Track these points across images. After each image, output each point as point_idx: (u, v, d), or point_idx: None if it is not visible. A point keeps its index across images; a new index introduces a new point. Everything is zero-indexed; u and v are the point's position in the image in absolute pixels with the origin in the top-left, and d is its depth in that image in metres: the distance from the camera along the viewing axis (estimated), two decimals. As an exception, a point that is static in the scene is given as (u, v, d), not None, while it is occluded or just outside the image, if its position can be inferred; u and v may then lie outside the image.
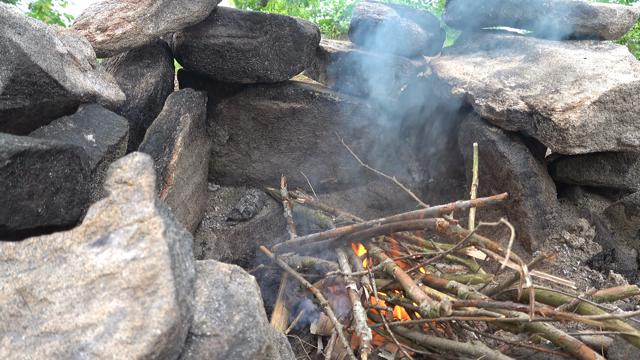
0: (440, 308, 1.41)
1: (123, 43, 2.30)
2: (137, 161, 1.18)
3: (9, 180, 1.19)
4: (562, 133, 2.32)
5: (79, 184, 1.44)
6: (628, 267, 2.42)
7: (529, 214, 2.58)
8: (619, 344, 1.54)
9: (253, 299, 1.11)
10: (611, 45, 2.86)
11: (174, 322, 0.89)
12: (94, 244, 1.02)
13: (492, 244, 1.64)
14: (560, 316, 1.29)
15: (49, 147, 1.30)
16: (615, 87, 2.31)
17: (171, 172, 2.41)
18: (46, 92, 1.68)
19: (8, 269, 0.99)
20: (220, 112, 3.27)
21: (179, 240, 1.10)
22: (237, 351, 0.99)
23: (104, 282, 0.94)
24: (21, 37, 1.58)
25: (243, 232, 3.19)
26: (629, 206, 2.60)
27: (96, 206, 1.10)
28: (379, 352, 2.05)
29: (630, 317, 1.22)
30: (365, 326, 1.66)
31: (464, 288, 1.73)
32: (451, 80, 2.94)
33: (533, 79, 2.65)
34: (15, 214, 1.22)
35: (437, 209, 1.83)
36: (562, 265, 2.47)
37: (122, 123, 1.96)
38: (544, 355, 1.61)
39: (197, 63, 2.87)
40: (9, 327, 0.90)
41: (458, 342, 1.61)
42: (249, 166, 3.48)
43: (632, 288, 1.66)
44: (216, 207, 3.38)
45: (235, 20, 2.86)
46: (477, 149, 2.49)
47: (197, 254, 3.01)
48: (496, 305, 1.42)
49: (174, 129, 2.49)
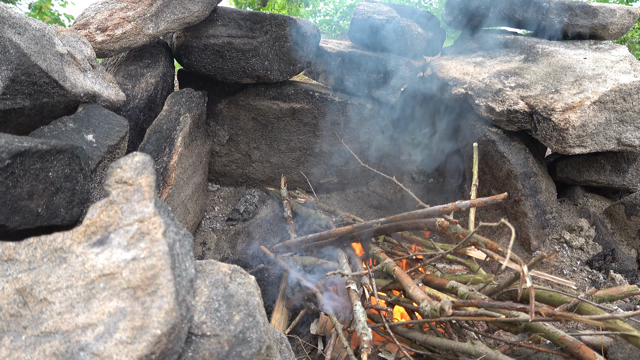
0: (441, 308, 1.41)
1: (123, 43, 2.30)
2: (137, 161, 1.18)
3: (9, 180, 1.19)
4: (562, 133, 2.32)
5: (79, 184, 1.44)
6: (628, 267, 2.42)
7: (529, 214, 2.58)
8: (619, 344, 1.54)
9: (253, 299, 1.11)
10: (611, 45, 2.86)
11: (174, 322, 0.89)
12: (94, 244, 1.02)
13: (492, 244, 1.64)
14: (560, 316, 1.29)
15: (49, 147, 1.30)
16: (615, 87, 2.30)
17: (171, 172, 2.41)
18: (46, 92, 1.68)
19: (8, 269, 0.99)
20: (220, 112, 3.27)
21: (179, 240, 1.10)
22: (237, 351, 0.99)
23: (104, 282, 0.94)
24: (21, 37, 1.58)
25: (243, 232, 3.19)
26: (629, 206, 2.60)
27: (96, 206, 1.10)
28: (379, 352, 2.05)
29: (630, 317, 1.22)
30: (365, 326, 1.66)
31: (464, 288, 1.73)
32: (451, 80, 2.94)
33: (533, 79, 2.65)
34: (15, 214, 1.22)
35: (437, 209, 1.83)
36: (562, 265, 2.47)
37: (122, 123, 1.96)
38: (544, 355, 1.61)
39: (197, 63, 2.87)
40: (9, 327, 0.90)
41: (458, 342, 1.61)
42: (249, 166, 3.48)
43: (632, 288, 1.66)
44: (216, 207, 3.38)
45: (235, 20, 2.86)
46: (477, 149, 2.49)
47: (197, 254, 3.01)
48: (496, 305, 1.42)
49: (174, 129, 2.49)
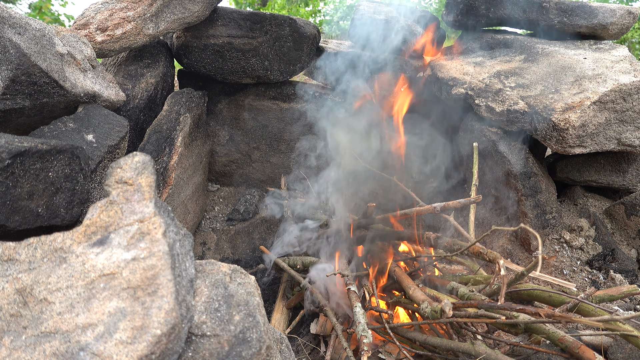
0: (441, 310, 1.41)
1: (123, 43, 2.30)
2: (137, 161, 1.18)
3: (9, 180, 1.19)
4: (562, 133, 2.32)
5: (79, 184, 1.44)
6: (628, 267, 2.42)
7: (529, 214, 2.58)
8: (619, 344, 1.54)
9: (253, 299, 1.11)
10: (611, 46, 2.86)
11: (174, 322, 0.89)
12: (94, 244, 1.02)
13: (490, 252, 1.68)
14: (560, 317, 1.29)
15: (49, 147, 1.30)
16: (615, 87, 2.30)
17: (171, 172, 2.41)
18: (46, 92, 1.67)
19: (8, 269, 0.99)
20: (220, 112, 3.27)
21: (179, 240, 1.10)
22: (237, 351, 0.99)
23: (104, 282, 0.94)
24: (21, 37, 1.58)
25: (243, 232, 3.19)
26: (629, 206, 2.60)
27: (96, 206, 1.10)
28: (379, 353, 2.05)
29: (630, 319, 1.22)
30: (365, 328, 1.66)
31: (464, 289, 1.73)
32: (451, 80, 2.94)
33: (533, 79, 2.65)
34: (15, 214, 1.22)
35: (412, 211, 1.93)
36: (562, 265, 2.47)
37: (122, 123, 1.95)
38: (544, 355, 1.61)
39: (197, 63, 2.87)
40: (9, 327, 0.90)
41: (458, 342, 1.61)
42: (249, 166, 3.48)
43: (632, 288, 1.66)
44: (216, 207, 3.37)
45: (235, 20, 2.86)
46: (477, 149, 2.49)
47: (197, 254, 3.01)
48: (496, 306, 1.42)
49: (174, 129, 2.49)
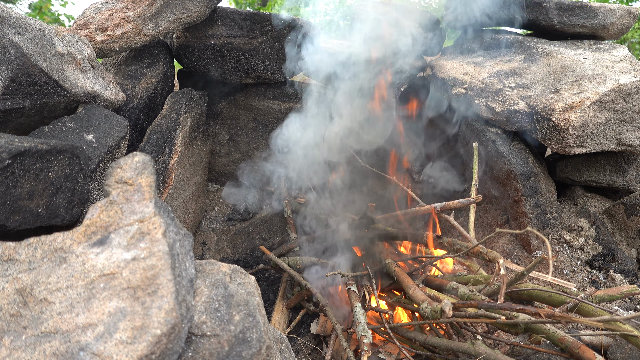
0: (441, 310, 1.41)
1: (123, 43, 2.30)
2: (137, 161, 1.18)
3: (9, 180, 1.19)
4: (562, 133, 2.32)
5: (79, 184, 1.44)
6: (628, 267, 2.42)
7: (529, 214, 2.58)
8: (619, 344, 1.54)
9: (253, 299, 1.11)
10: (611, 45, 2.86)
11: (174, 322, 0.89)
12: (94, 244, 1.02)
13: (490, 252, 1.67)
14: (560, 317, 1.29)
15: (49, 147, 1.30)
16: (615, 87, 2.30)
17: (171, 172, 2.41)
18: (46, 92, 1.67)
19: (8, 269, 0.99)
20: (220, 112, 3.27)
21: (179, 240, 1.10)
22: (237, 351, 0.99)
23: (104, 282, 0.94)
24: (21, 37, 1.58)
25: (243, 232, 3.19)
26: (629, 206, 2.60)
27: (96, 206, 1.10)
28: (379, 353, 2.05)
29: (630, 319, 1.22)
30: (365, 328, 1.66)
31: (464, 289, 1.73)
32: (451, 80, 2.94)
33: (533, 79, 2.65)
34: (15, 214, 1.22)
35: (413, 211, 1.91)
36: (562, 265, 2.47)
37: (122, 123, 1.95)
38: (544, 355, 1.61)
39: (197, 63, 2.87)
40: (9, 327, 0.90)
41: (458, 342, 1.61)
42: (249, 166, 3.48)
43: (632, 288, 1.66)
44: (216, 207, 3.37)
45: (235, 20, 2.86)
46: (477, 148, 2.49)
47: (197, 254, 3.01)
48: (496, 306, 1.42)
49: (174, 129, 2.49)
